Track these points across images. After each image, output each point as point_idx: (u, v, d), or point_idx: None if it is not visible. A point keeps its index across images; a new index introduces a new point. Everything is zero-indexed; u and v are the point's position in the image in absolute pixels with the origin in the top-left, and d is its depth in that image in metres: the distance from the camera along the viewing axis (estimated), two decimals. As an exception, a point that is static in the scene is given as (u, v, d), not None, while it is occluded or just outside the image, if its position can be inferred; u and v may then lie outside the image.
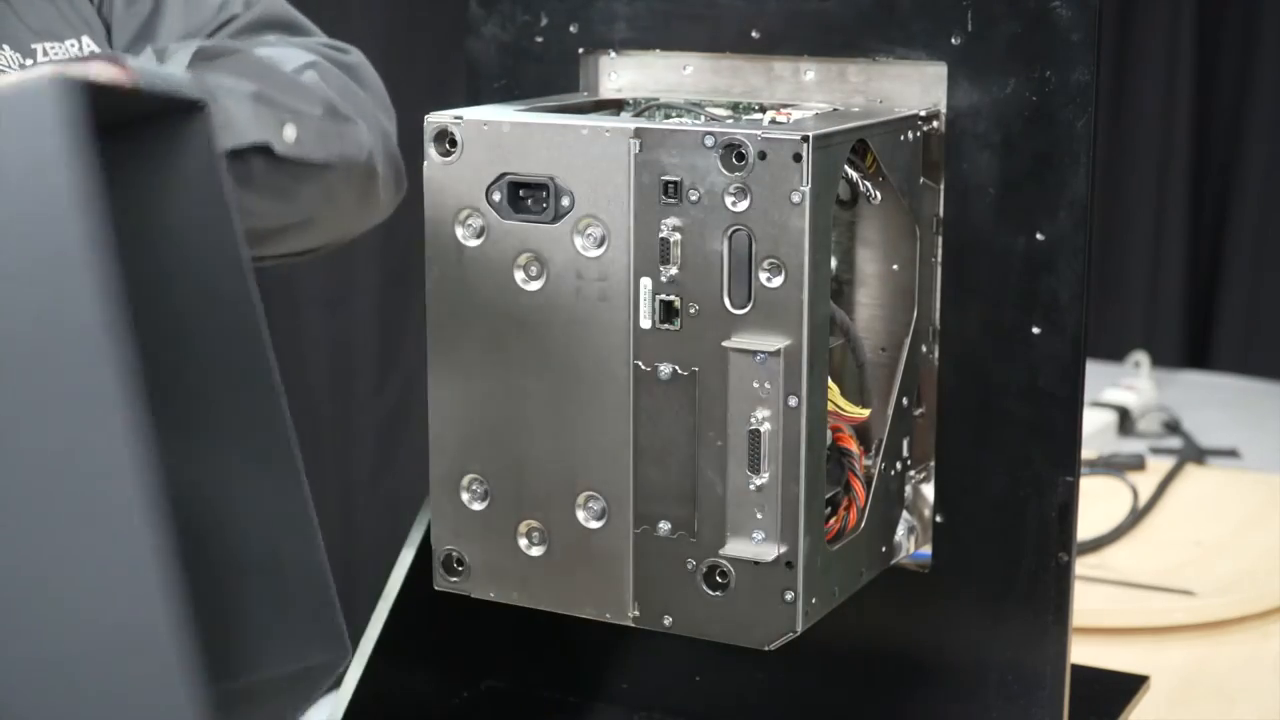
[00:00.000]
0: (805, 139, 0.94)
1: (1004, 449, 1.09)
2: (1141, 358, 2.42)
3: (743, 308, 0.97)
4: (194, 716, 0.75)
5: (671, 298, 0.98)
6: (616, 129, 0.98)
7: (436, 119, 1.03)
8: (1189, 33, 3.31)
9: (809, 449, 0.97)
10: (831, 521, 1.04)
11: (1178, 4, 3.31)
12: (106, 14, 1.28)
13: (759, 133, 0.95)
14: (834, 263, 1.07)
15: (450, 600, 1.08)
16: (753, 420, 0.97)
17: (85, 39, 1.23)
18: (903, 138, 1.06)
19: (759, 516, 0.97)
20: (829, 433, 1.03)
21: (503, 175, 1.01)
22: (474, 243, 1.03)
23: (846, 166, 1.02)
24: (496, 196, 1.01)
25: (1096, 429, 2.19)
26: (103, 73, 0.96)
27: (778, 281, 0.96)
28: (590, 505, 1.02)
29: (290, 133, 1.18)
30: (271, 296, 1.56)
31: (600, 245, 0.99)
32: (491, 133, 1.01)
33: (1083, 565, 1.65)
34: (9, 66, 1.17)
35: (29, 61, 1.19)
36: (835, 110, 1.09)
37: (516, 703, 1.28)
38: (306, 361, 3.00)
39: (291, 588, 0.95)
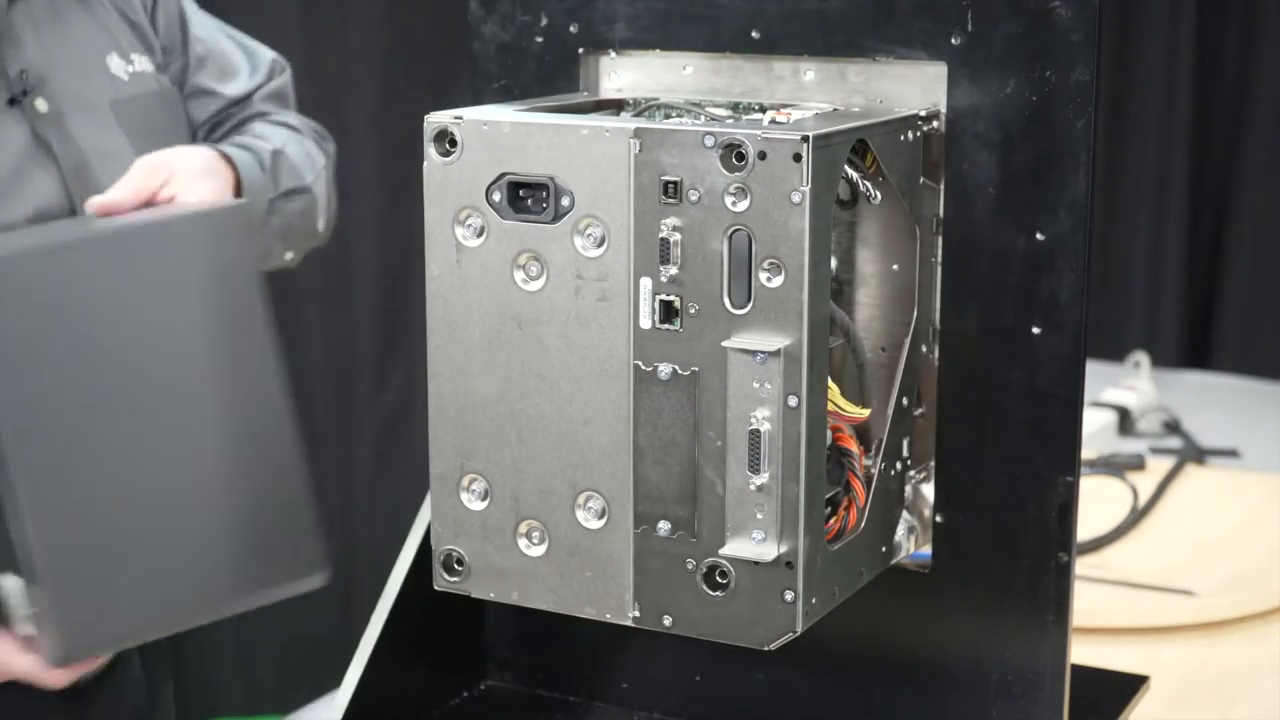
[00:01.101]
0: (805, 139, 0.94)
1: (1004, 449, 1.09)
2: (1141, 358, 2.42)
3: (743, 308, 0.97)
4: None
5: (671, 298, 0.98)
6: (616, 129, 0.98)
7: (436, 119, 1.03)
8: (1189, 33, 3.31)
9: (809, 449, 0.97)
10: (831, 521, 1.04)
11: (1178, 4, 3.31)
12: (154, 40, 1.62)
13: (759, 133, 0.95)
14: (834, 263, 1.07)
15: (450, 600, 1.08)
16: (753, 420, 0.97)
17: (148, 58, 1.59)
18: (903, 138, 1.06)
19: (759, 516, 0.97)
20: (829, 433, 1.03)
21: (503, 175, 1.01)
22: (474, 243, 1.03)
23: (846, 166, 1.02)
24: (496, 196, 1.01)
25: (1096, 429, 2.19)
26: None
27: (778, 281, 0.96)
28: (590, 505, 1.02)
29: (290, 255, 1.69)
30: (272, 296, 1.56)
31: (600, 245, 0.99)
32: (491, 133, 1.01)
33: (1083, 565, 1.65)
34: (118, 71, 1.55)
35: (131, 66, 1.56)
36: (835, 110, 1.09)
37: (516, 703, 1.28)
38: (307, 361, 3.00)
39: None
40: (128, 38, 1.57)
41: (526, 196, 1.01)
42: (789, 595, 0.98)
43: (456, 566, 1.06)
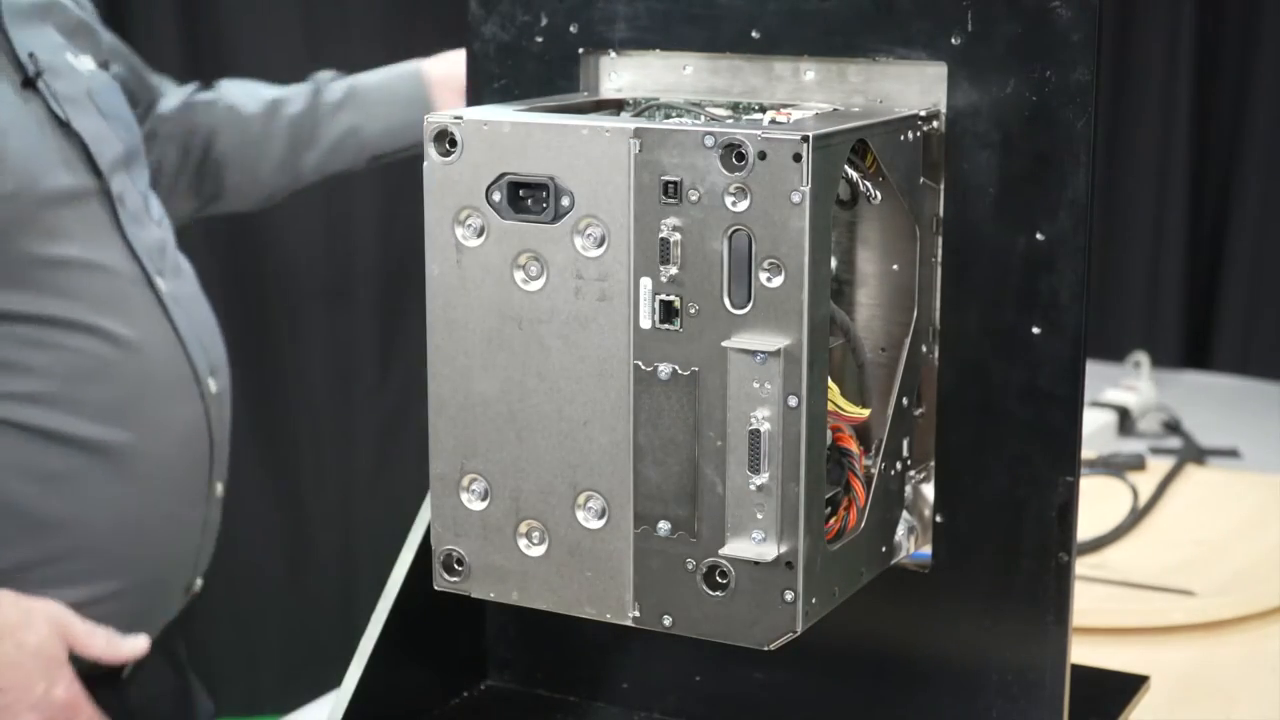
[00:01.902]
0: (805, 139, 0.94)
1: (1004, 449, 1.09)
2: (1141, 358, 2.42)
3: (743, 308, 0.97)
4: None
5: (671, 298, 0.98)
6: (616, 129, 0.98)
7: (436, 119, 1.03)
8: (1189, 33, 3.31)
9: (809, 449, 0.97)
10: (831, 521, 1.04)
11: (1178, 4, 3.31)
12: (100, 40, 1.75)
13: (759, 133, 0.95)
14: (834, 263, 1.07)
15: (450, 600, 1.08)
16: (753, 420, 0.97)
17: (91, 57, 1.69)
18: (903, 138, 1.06)
19: (759, 516, 0.97)
20: (829, 433, 1.03)
21: (503, 175, 1.01)
22: (474, 243, 1.03)
23: (846, 166, 1.02)
24: (496, 196, 1.01)
25: (1096, 429, 2.19)
26: None
27: (778, 281, 0.96)
28: (590, 505, 1.02)
29: None
30: (272, 294, 1.56)
31: (600, 245, 0.99)
32: (491, 133, 1.01)
33: (1083, 565, 1.65)
34: (77, 66, 1.63)
35: (79, 63, 1.64)
36: (835, 110, 1.09)
37: (516, 703, 1.28)
38: (307, 361, 3.00)
39: None
40: (72, 38, 1.67)
41: (526, 196, 1.01)
42: (789, 595, 0.98)
43: (456, 566, 1.06)
